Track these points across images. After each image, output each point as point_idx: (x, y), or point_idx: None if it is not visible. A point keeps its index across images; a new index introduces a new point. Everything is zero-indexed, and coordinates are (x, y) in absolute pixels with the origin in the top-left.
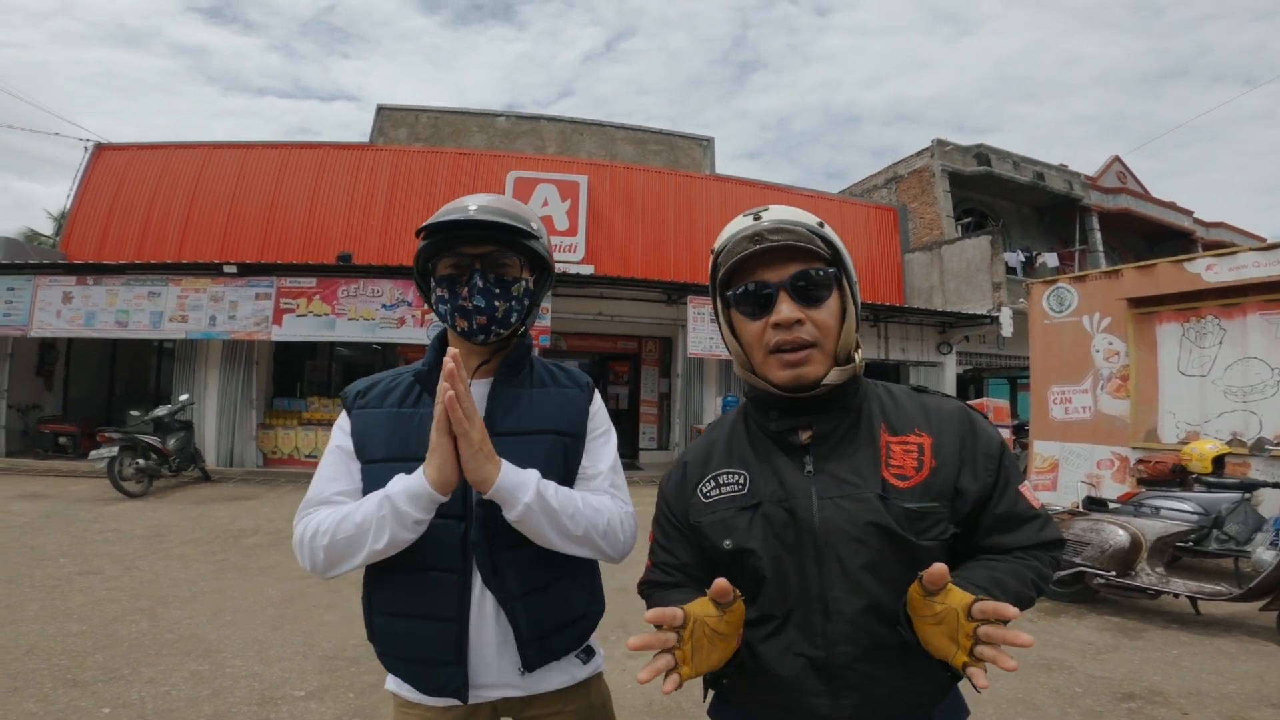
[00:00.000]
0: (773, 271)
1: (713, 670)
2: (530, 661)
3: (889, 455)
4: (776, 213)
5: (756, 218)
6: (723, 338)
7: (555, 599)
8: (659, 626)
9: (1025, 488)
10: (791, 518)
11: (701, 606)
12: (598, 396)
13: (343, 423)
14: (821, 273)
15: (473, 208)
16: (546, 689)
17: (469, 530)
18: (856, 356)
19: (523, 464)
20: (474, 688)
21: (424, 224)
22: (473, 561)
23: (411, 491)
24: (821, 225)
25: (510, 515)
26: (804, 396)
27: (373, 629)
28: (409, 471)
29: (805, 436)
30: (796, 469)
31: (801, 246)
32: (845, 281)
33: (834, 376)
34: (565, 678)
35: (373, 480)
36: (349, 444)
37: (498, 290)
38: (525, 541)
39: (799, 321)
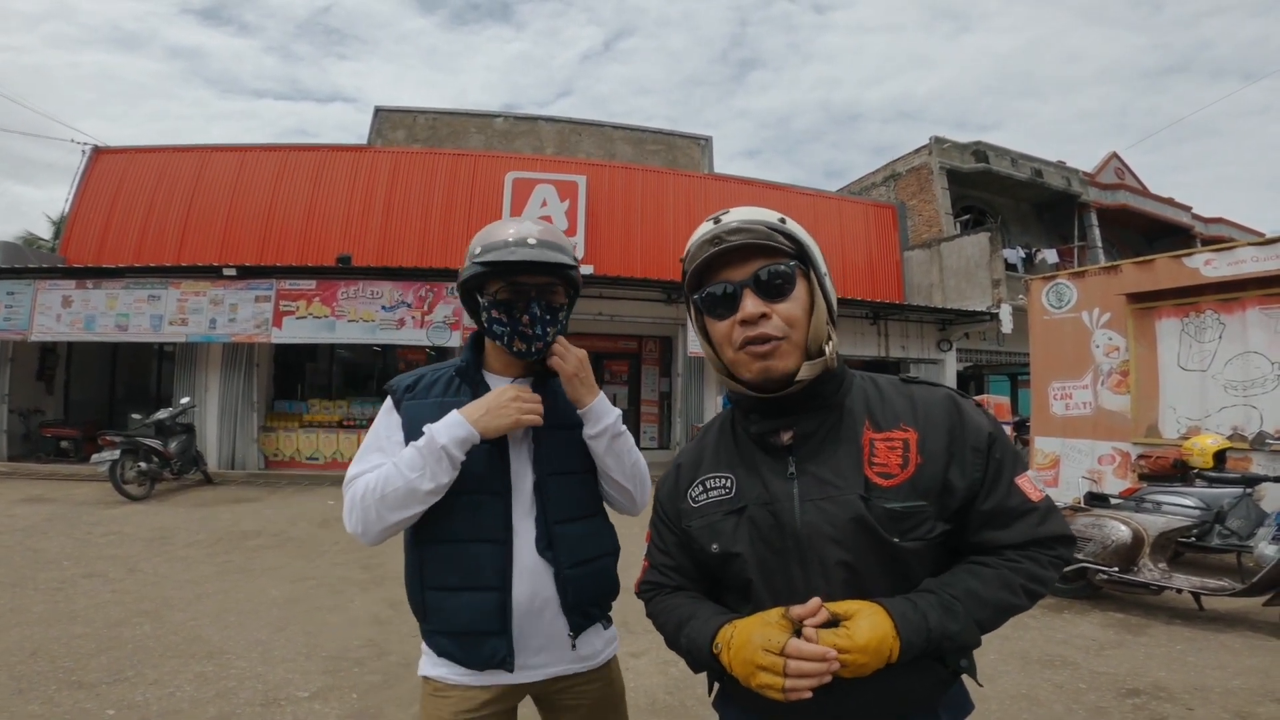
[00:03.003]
0: (735, 271)
1: None
2: (577, 626)
3: (873, 453)
4: (737, 214)
5: (717, 221)
6: (699, 343)
7: (596, 572)
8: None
9: (1025, 479)
10: (776, 521)
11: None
12: None
13: (391, 414)
14: (783, 267)
15: (532, 242)
16: (581, 668)
17: (511, 505)
18: (828, 349)
19: (564, 451)
20: (520, 663)
21: (489, 259)
22: (513, 534)
23: (457, 435)
24: (784, 221)
25: (590, 430)
26: (780, 395)
27: (424, 607)
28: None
29: (786, 437)
30: (780, 471)
31: (761, 244)
32: (813, 275)
33: (805, 371)
34: (591, 651)
35: None
36: (399, 435)
37: (548, 317)
38: (576, 518)
39: (764, 316)
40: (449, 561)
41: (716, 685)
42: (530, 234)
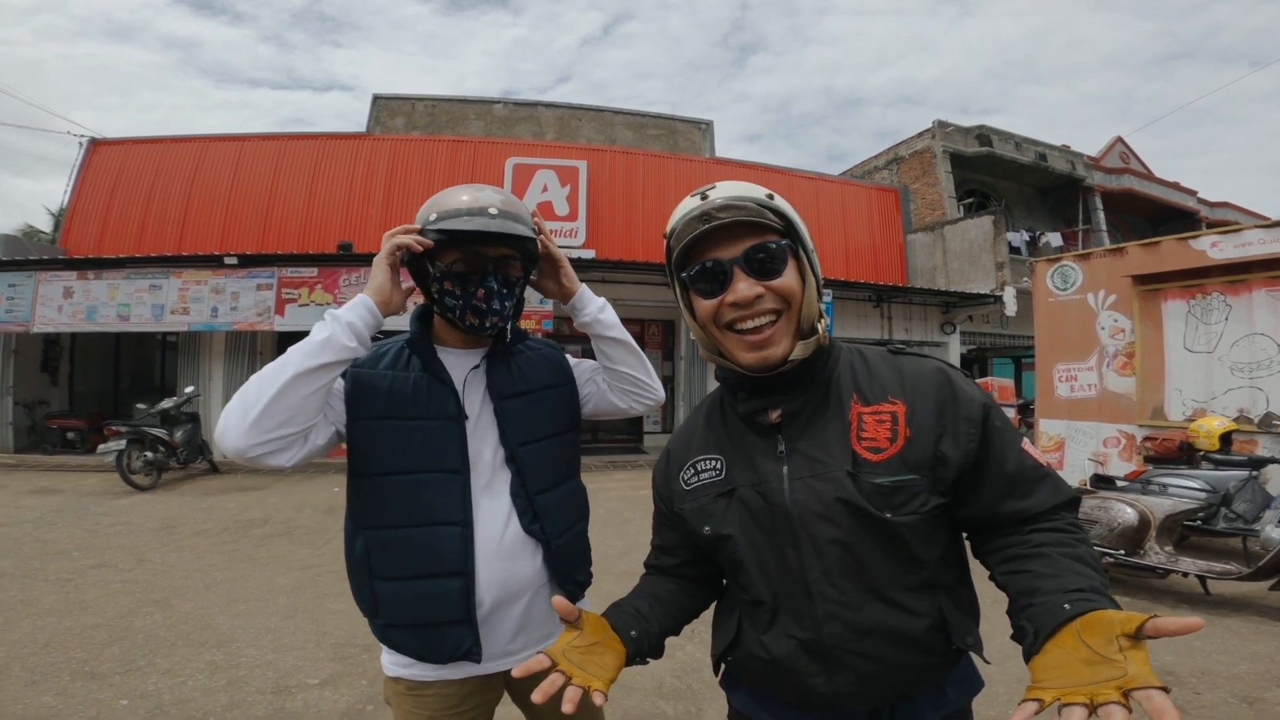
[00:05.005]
0: (725, 249)
1: (612, 673)
2: (571, 597)
3: (860, 427)
4: (724, 189)
5: (704, 197)
6: (686, 322)
7: (575, 537)
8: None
9: (1029, 445)
10: (765, 501)
11: (563, 638)
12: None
13: (338, 385)
14: (775, 245)
15: (493, 212)
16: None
17: (470, 484)
18: (820, 328)
19: (531, 417)
20: (496, 651)
21: (445, 227)
22: (473, 515)
23: (349, 303)
24: (771, 197)
25: (586, 314)
26: (771, 375)
27: (375, 599)
28: (407, 429)
29: (775, 416)
30: (769, 451)
31: (752, 221)
32: (801, 252)
33: (799, 352)
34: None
35: (369, 437)
36: (339, 403)
37: (504, 291)
38: (555, 485)
39: (759, 297)
40: (400, 548)
41: (723, 666)
42: (491, 203)
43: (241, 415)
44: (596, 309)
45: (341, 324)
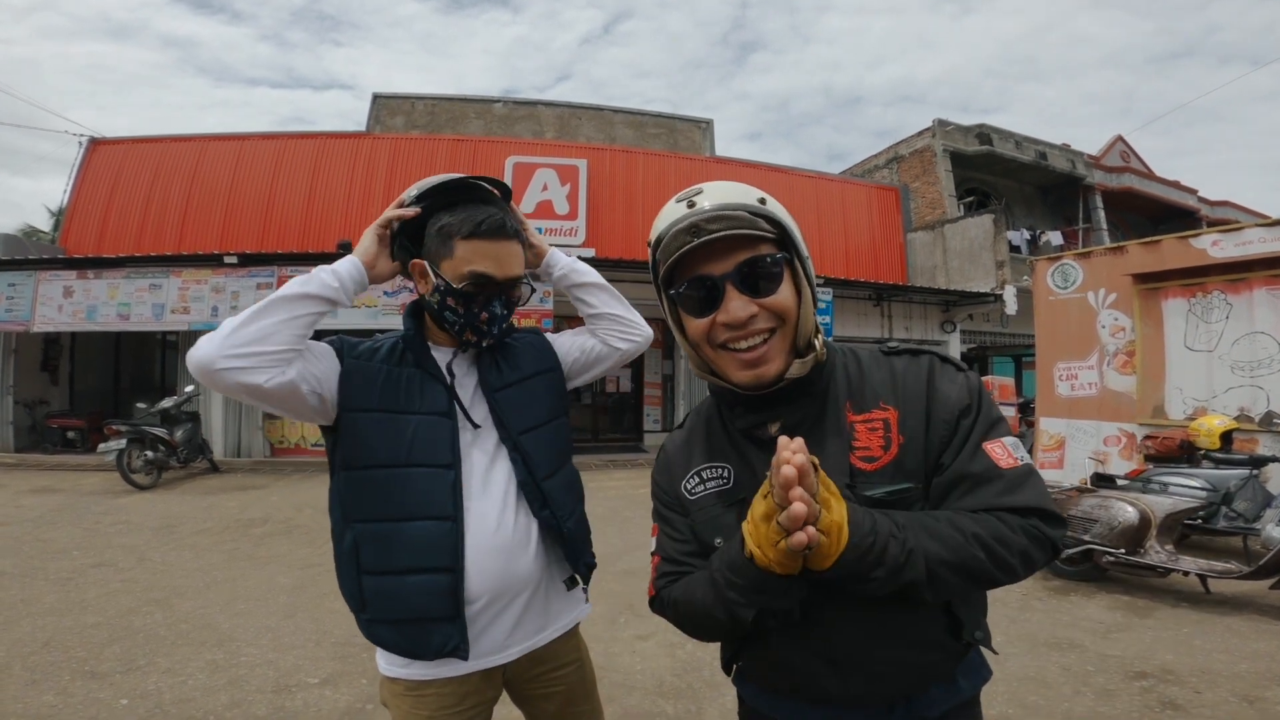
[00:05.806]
0: (716, 263)
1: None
2: (584, 576)
3: (853, 437)
4: (713, 194)
5: (691, 204)
6: (676, 339)
7: (580, 519)
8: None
9: (997, 445)
10: None
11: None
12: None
13: (331, 358)
14: (770, 259)
15: (465, 177)
16: (556, 634)
17: (460, 478)
18: (817, 343)
19: (526, 406)
20: (494, 646)
21: (424, 189)
22: (463, 510)
23: (336, 261)
24: (764, 202)
25: (559, 268)
26: (766, 391)
27: (362, 594)
28: (399, 423)
29: (774, 429)
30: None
31: (745, 234)
32: (797, 262)
33: (795, 370)
34: (568, 619)
35: (362, 430)
36: (333, 379)
37: (504, 313)
38: (557, 470)
39: (752, 316)
40: (388, 542)
41: (736, 666)
42: (462, 174)
43: (215, 334)
44: (570, 260)
45: (328, 270)
